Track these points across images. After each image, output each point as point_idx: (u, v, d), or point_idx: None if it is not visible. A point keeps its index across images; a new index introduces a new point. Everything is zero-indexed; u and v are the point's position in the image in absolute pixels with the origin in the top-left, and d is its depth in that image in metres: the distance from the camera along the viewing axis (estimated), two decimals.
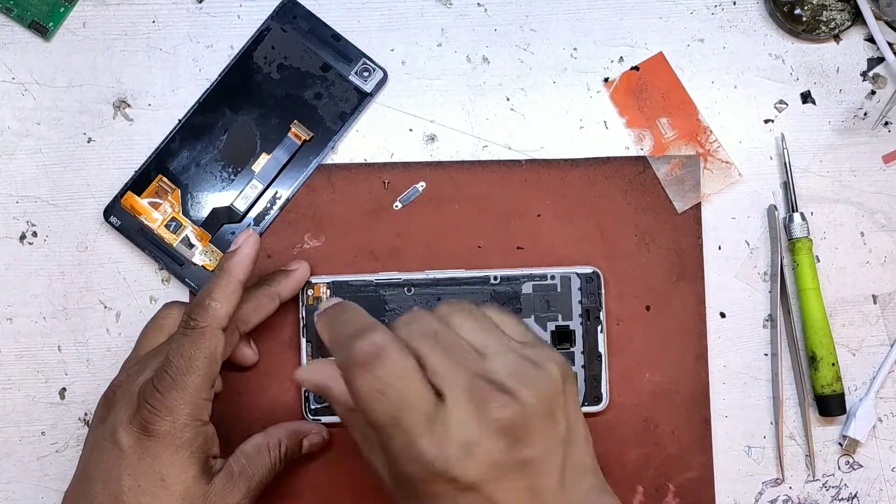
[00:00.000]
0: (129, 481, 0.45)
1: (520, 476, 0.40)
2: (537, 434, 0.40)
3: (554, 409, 0.41)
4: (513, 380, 0.40)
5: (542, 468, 0.40)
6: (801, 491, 0.55)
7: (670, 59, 0.56)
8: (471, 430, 0.39)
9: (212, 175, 0.55)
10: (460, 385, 0.40)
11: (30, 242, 0.55)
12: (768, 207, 0.56)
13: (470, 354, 0.41)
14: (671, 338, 0.55)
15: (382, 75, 0.56)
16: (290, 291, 0.52)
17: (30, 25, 0.56)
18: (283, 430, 0.51)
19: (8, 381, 0.55)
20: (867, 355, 0.55)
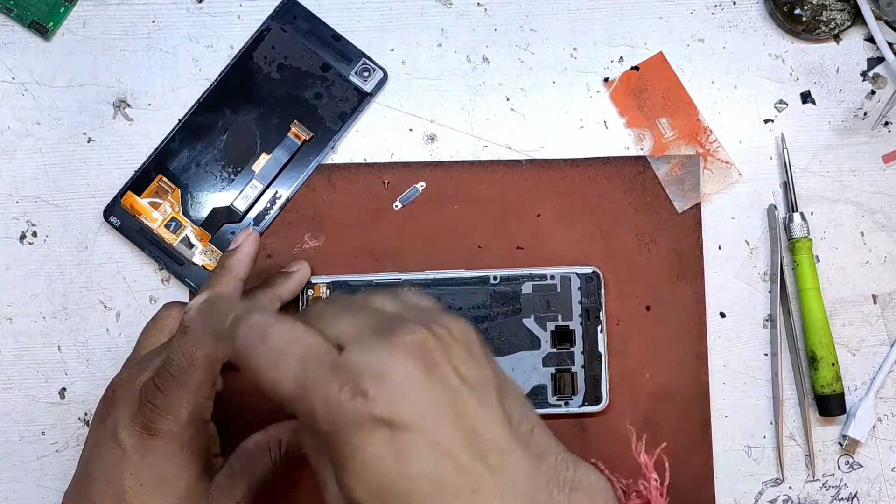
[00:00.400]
0: (131, 480, 0.45)
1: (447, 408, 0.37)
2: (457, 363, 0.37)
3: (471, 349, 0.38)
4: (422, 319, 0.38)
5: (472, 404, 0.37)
6: (801, 491, 0.55)
7: (670, 59, 0.56)
8: (380, 359, 0.36)
9: (212, 175, 0.55)
10: (364, 327, 0.38)
11: (30, 242, 0.55)
12: (768, 207, 0.56)
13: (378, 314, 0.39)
14: (671, 338, 0.55)
15: (382, 75, 0.56)
16: (291, 293, 0.52)
17: (30, 25, 0.56)
18: (284, 428, 0.51)
19: (8, 381, 0.55)
20: (867, 355, 0.55)
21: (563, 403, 0.53)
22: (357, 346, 0.37)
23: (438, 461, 0.36)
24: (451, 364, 0.37)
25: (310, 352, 0.37)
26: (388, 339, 0.37)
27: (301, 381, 0.36)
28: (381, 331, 0.37)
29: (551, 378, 0.53)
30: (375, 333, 0.37)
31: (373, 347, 0.37)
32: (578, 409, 0.53)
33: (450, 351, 0.37)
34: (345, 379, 0.36)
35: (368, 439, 0.35)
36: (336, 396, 0.35)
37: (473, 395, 0.37)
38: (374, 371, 0.36)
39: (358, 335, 0.37)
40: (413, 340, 0.37)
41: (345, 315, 0.39)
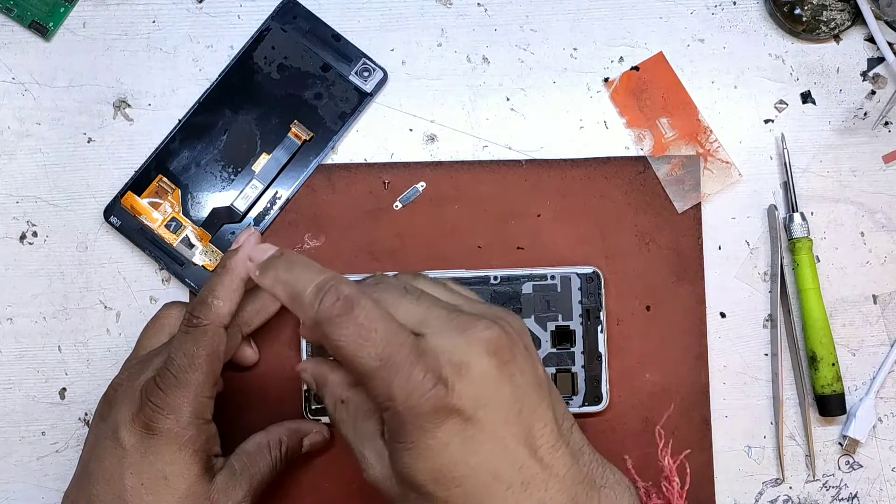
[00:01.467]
0: (132, 480, 0.45)
1: (513, 405, 0.39)
2: (521, 361, 0.40)
3: (529, 348, 0.41)
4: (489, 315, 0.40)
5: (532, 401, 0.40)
6: (801, 491, 0.55)
7: (670, 59, 0.56)
8: (460, 351, 0.39)
9: (212, 175, 0.55)
10: (439, 318, 0.40)
11: (30, 242, 0.55)
12: (768, 207, 0.56)
13: (440, 302, 0.41)
14: (671, 338, 0.55)
15: (382, 75, 0.56)
16: None
17: (30, 25, 0.56)
18: (284, 428, 0.51)
19: (8, 381, 0.55)
20: (867, 355, 0.55)
21: None
22: (437, 334, 0.39)
23: (499, 454, 0.39)
24: (517, 361, 0.40)
25: (394, 332, 0.39)
26: (466, 333, 0.39)
27: (385, 358, 0.38)
28: (457, 322, 0.40)
29: (551, 378, 0.53)
30: (451, 324, 0.40)
31: (453, 339, 0.39)
32: (578, 409, 0.53)
33: (516, 349, 0.40)
34: (428, 365, 0.38)
35: (442, 426, 0.38)
36: (419, 380, 0.38)
37: (533, 393, 0.40)
38: (455, 362, 0.38)
39: (433, 324, 0.40)
40: (490, 336, 0.39)
41: (405, 301, 0.41)
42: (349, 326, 0.38)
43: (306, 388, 0.53)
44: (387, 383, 0.38)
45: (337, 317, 0.39)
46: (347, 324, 0.38)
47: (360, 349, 0.38)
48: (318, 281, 0.40)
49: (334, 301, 0.39)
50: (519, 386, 0.40)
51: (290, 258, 0.42)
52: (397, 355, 0.38)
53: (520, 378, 0.40)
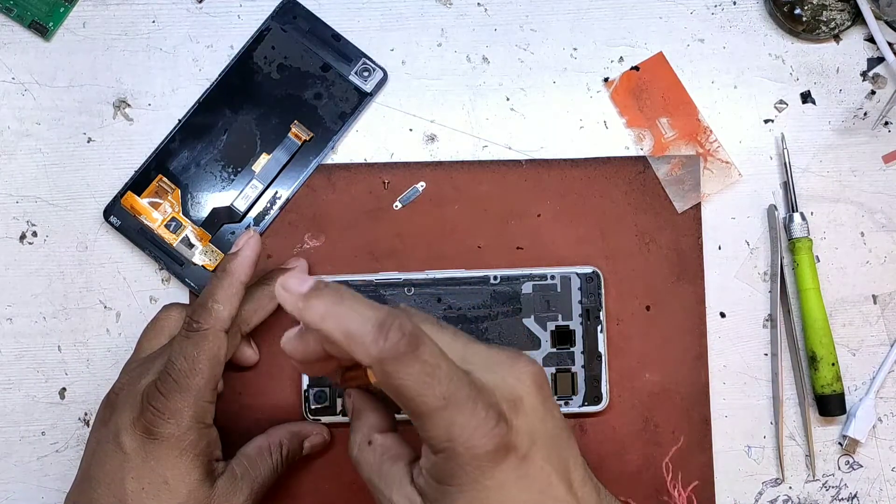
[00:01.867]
0: (133, 484, 0.45)
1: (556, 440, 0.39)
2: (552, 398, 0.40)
3: None
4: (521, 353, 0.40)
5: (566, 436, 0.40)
6: (801, 491, 0.55)
7: (670, 59, 0.56)
8: (511, 386, 0.38)
9: (212, 175, 0.55)
10: (480, 354, 0.39)
11: (30, 242, 0.55)
12: (768, 207, 0.56)
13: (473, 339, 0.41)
14: (671, 338, 0.55)
15: (382, 75, 0.56)
16: None
17: (30, 25, 0.56)
18: (285, 431, 0.51)
19: (8, 381, 0.55)
20: (867, 355, 0.55)
21: (563, 403, 0.53)
22: (484, 370, 0.38)
23: (545, 490, 0.38)
24: (552, 397, 0.40)
25: (455, 369, 0.37)
26: (515, 367, 0.39)
27: (448, 397, 0.36)
28: (502, 360, 0.39)
29: (551, 378, 0.53)
30: (494, 360, 0.39)
31: (502, 374, 0.38)
32: (578, 409, 0.53)
33: (549, 384, 0.40)
34: (489, 402, 0.37)
35: (501, 465, 0.37)
36: (482, 418, 0.36)
37: (566, 429, 0.40)
38: (510, 398, 0.38)
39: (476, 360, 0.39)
40: (535, 371, 0.39)
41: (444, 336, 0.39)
42: (415, 364, 0.36)
43: (306, 388, 0.53)
44: (448, 424, 0.36)
45: (403, 355, 0.36)
46: (414, 362, 0.36)
47: (426, 388, 0.36)
48: (378, 317, 0.37)
49: (399, 338, 0.36)
50: (558, 421, 0.40)
51: (337, 290, 0.38)
52: (460, 393, 0.36)
53: (556, 413, 0.40)
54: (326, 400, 0.53)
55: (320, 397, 0.53)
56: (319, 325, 0.37)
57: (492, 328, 0.53)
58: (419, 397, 0.36)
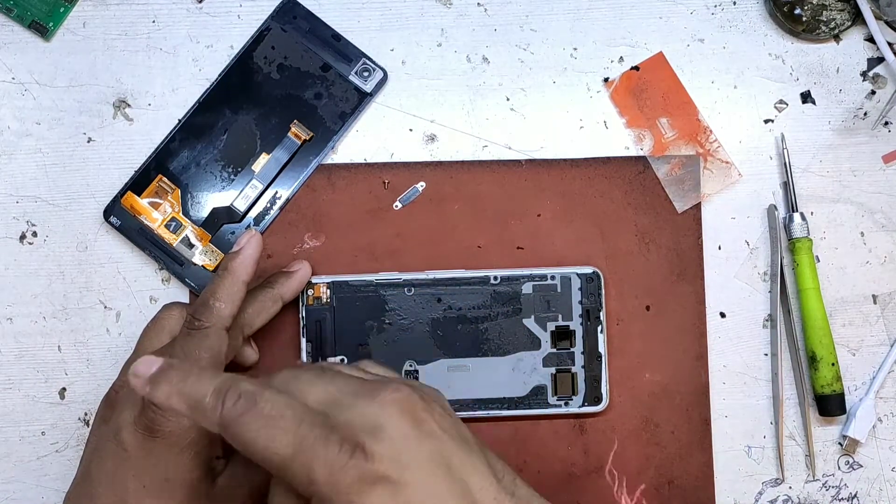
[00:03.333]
0: (134, 482, 0.45)
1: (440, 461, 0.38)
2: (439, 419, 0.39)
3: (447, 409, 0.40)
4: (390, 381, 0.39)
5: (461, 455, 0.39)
6: (801, 491, 0.55)
7: (670, 59, 0.56)
8: (372, 415, 0.38)
9: (212, 175, 0.55)
10: (349, 392, 0.39)
11: (30, 242, 0.55)
12: (768, 207, 0.56)
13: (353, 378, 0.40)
14: (671, 338, 0.55)
15: (382, 75, 0.56)
16: (293, 293, 0.52)
17: (30, 25, 0.56)
18: None
19: (8, 381, 0.55)
20: (867, 355, 0.55)
21: (563, 403, 0.53)
22: (346, 406, 0.38)
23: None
24: (434, 419, 0.39)
25: (301, 413, 0.37)
26: (375, 398, 0.38)
27: (297, 443, 0.36)
28: (365, 391, 0.38)
29: (551, 378, 0.53)
30: (360, 394, 0.38)
31: (362, 406, 0.38)
32: (578, 410, 0.53)
33: (431, 407, 0.39)
34: (343, 437, 0.37)
35: (370, 497, 0.36)
36: (336, 455, 0.36)
37: (459, 448, 0.39)
38: (369, 428, 0.37)
39: (343, 397, 0.38)
40: (399, 398, 0.38)
41: (320, 382, 0.39)
42: (256, 420, 0.37)
43: None
44: (305, 468, 0.36)
45: (242, 414, 0.37)
46: (254, 418, 0.37)
47: (272, 440, 0.36)
48: (215, 385, 0.38)
49: (236, 399, 0.37)
50: (442, 442, 0.39)
51: (182, 368, 0.39)
52: (309, 435, 0.36)
53: (441, 434, 0.39)
54: None
55: None
56: (168, 405, 0.38)
57: (492, 328, 0.53)
58: (268, 450, 0.37)
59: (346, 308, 0.53)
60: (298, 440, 0.36)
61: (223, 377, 0.38)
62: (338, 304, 0.53)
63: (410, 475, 0.37)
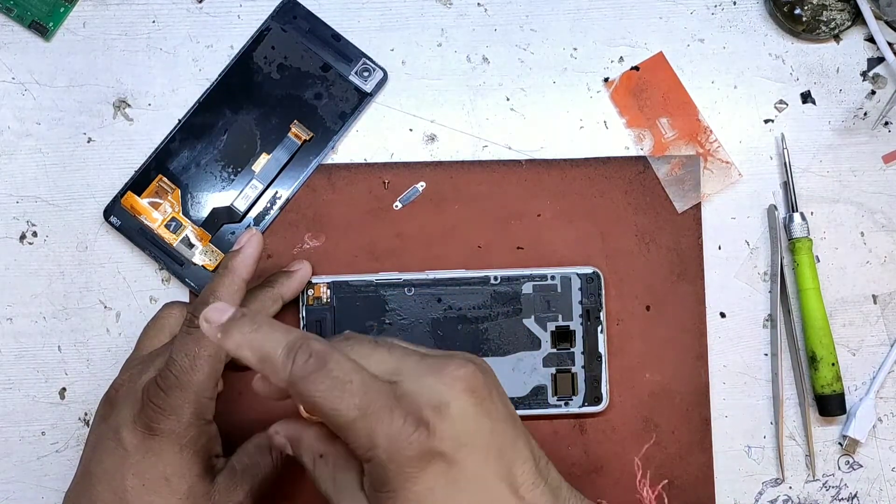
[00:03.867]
0: (133, 480, 0.45)
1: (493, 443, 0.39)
2: (496, 398, 0.40)
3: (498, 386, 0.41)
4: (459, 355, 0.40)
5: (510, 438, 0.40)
6: (801, 491, 0.55)
7: (670, 59, 0.56)
8: (437, 392, 0.38)
9: (212, 175, 0.55)
10: (412, 364, 0.40)
11: (30, 242, 0.55)
12: (768, 207, 0.56)
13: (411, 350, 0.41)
14: (671, 338, 0.55)
15: (382, 75, 0.56)
16: (293, 292, 0.52)
17: (30, 25, 0.56)
18: None
19: (8, 381, 0.55)
20: (867, 355, 0.55)
21: (563, 404, 0.53)
22: (412, 379, 0.39)
23: (482, 494, 0.38)
24: (492, 399, 0.40)
25: (369, 381, 0.38)
26: (442, 373, 0.39)
27: (363, 408, 0.37)
28: (430, 365, 0.39)
29: (551, 378, 0.53)
30: (424, 368, 0.39)
31: (428, 381, 0.39)
32: (578, 410, 0.53)
33: (489, 385, 0.40)
34: (407, 409, 0.38)
35: (426, 470, 0.37)
36: (400, 425, 0.37)
37: (510, 430, 0.40)
38: (434, 404, 0.38)
39: (406, 369, 0.39)
40: (465, 374, 0.39)
41: (377, 352, 0.40)
42: (325, 381, 0.38)
43: None
44: (367, 433, 0.38)
45: (312, 373, 0.38)
46: (323, 379, 0.38)
47: (339, 402, 0.38)
48: (288, 340, 0.39)
49: (307, 358, 0.38)
50: (497, 423, 0.39)
51: (254, 318, 0.40)
52: (375, 403, 0.38)
53: (496, 415, 0.39)
54: None
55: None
56: (236, 353, 0.39)
57: (492, 328, 0.53)
58: (334, 411, 0.38)
59: (346, 308, 0.53)
60: (364, 406, 0.37)
61: (295, 333, 0.39)
62: (338, 304, 0.53)
63: (465, 455, 0.38)
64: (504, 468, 0.39)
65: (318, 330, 0.53)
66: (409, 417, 0.37)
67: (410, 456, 0.37)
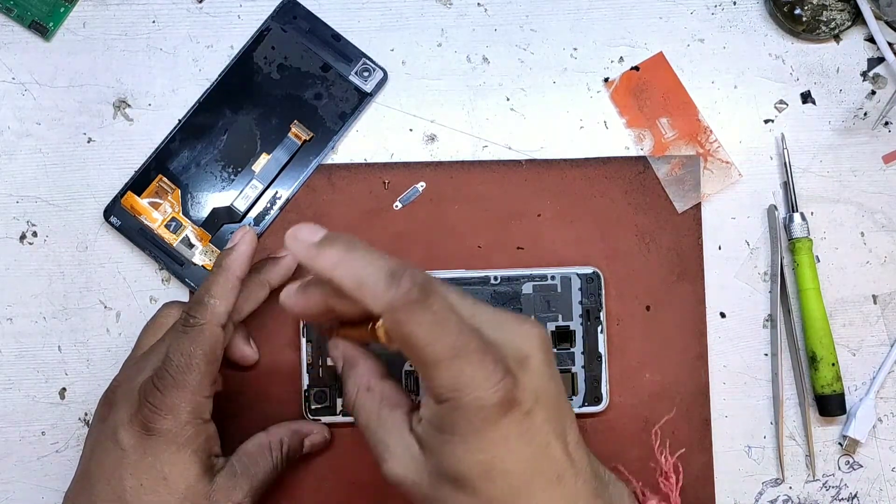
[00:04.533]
0: (132, 480, 0.45)
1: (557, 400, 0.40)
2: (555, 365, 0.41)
3: None
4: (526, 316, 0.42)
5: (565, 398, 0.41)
6: (801, 491, 0.55)
7: (670, 59, 0.56)
8: (519, 345, 0.39)
9: (212, 175, 0.55)
10: (488, 314, 0.40)
11: (30, 242, 0.55)
12: (768, 207, 0.56)
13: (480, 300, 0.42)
14: (671, 338, 0.55)
15: (382, 75, 0.56)
16: (280, 278, 0.52)
17: (30, 25, 0.56)
18: (285, 429, 0.51)
19: (8, 381, 0.55)
20: (867, 355, 0.55)
21: None
22: (494, 329, 0.39)
23: (543, 448, 0.39)
24: (555, 361, 0.41)
25: (464, 323, 0.38)
26: (521, 327, 0.40)
27: (458, 348, 0.37)
28: (510, 319, 0.40)
29: None
30: (505, 321, 0.40)
31: (511, 333, 0.39)
32: (578, 410, 0.53)
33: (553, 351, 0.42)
34: (497, 356, 0.38)
35: (504, 418, 0.38)
36: (490, 371, 0.37)
37: (563, 394, 0.41)
38: (518, 356, 0.39)
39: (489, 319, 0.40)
40: (541, 333, 0.40)
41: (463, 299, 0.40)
42: (426, 314, 0.37)
43: (306, 388, 0.53)
44: (456, 374, 0.37)
45: (414, 303, 0.37)
46: (425, 311, 0.37)
47: (436, 338, 0.37)
48: (390, 266, 0.38)
49: (411, 286, 0.37)
50: (559, 385, 0.41)
51: (350, 239, 0.39)
52: (470, 345, 0.37)
53: (558, 377, 0.41)
54: (327, 400, 0.53)
55: (320, 397, 0.53)
56: (331, 273, 0.38)
57: None
58: (429, 346, 0.37)
59: None
60: (459, 346, 0.37)
61: (396, 260, 0.38)
62: None
63: (538, 409, 0.39)
64: (561, 426, 0.40)
65: (319, 331, 0.53)
66: (498, 365, 0.38)
67: (494, 402, 0.37)
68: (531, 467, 0.39)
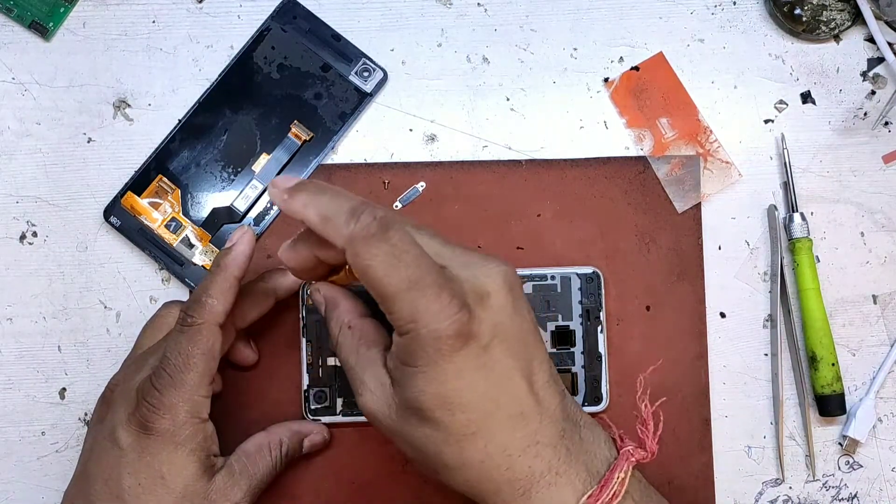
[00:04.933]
0: (130, 480, 0.45)
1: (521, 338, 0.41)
2: (525, 300, 0.42)
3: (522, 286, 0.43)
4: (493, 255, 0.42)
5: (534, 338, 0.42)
6: (801, 491, 0.55)
7: (670, 59, 0.56)
8: (481, 281, 0.40)
9: (212, 175, 0.55)
10: (455, 252, 0.41)
11: (30, 242, 0.55)
12: (768, 207, 0.56)
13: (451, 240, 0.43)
14: (671, 338, 0.55)
15: (382, 75, 0.56)
16: (286, 289, 0.52)
17: (30, 25, 0.56)
18: (285, 429, 0.51)
19: (8, 381, 0.55)
20: (867, 355, 0.55)
21: None
22: (458, 266, 0.41)
23: (504, 384, 0.40)
24: (524, 299, 0.42)
25: (423, 256, 0.39)
26: (485, 266, 0.41)
27: (414, 281, 0.38)
28: (475, 258, 0.41)
29: None
30: (470, 259, 0.41)
31: (474, 270, 0.41)
32: None
33: (522, 290, 0.42)
34: (454, 291, 0.39)
35: (460, 352, 0.39)
36: (446, 303, 0.38)
37: (533, 333, 0.42)
38: (478, 292, 0.40)
39: (454, 256, 0.41)
40: (506, 271, 0.41)
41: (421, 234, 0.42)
42: (383, 246, 0.39)
43: (306, 388, 0.53)
44: (412, 305, 0.38)
45: (372, 236, 0.39)
46: (381, 244, 0.39)
47: (392, 270, 0.39)
48: (353, 202, 0.40)
49: (370, 221, 0.39)
50: (525, 323, 0.41)
51: (320, 184, 0.42)
52: (427, 278, 0.39)
53: (525, 316, 0.42)
54: (326, 400, 0.53)
55: (320, 397, 0.53)
56: (302, 213, 0.41)
57: None
58: (385, 278, 0.39)
59: None
60: (416, 278, 0.39)
61: (359, 199, 0.41)
62: None
63: (496, 344, 0.40)
64: (525, 365, 0.41)
65: (319, 331, 0.53)
66: (454, 299, 0.39)
67: (449, 334, 0.38)
68: (490, 401, 0.40)
